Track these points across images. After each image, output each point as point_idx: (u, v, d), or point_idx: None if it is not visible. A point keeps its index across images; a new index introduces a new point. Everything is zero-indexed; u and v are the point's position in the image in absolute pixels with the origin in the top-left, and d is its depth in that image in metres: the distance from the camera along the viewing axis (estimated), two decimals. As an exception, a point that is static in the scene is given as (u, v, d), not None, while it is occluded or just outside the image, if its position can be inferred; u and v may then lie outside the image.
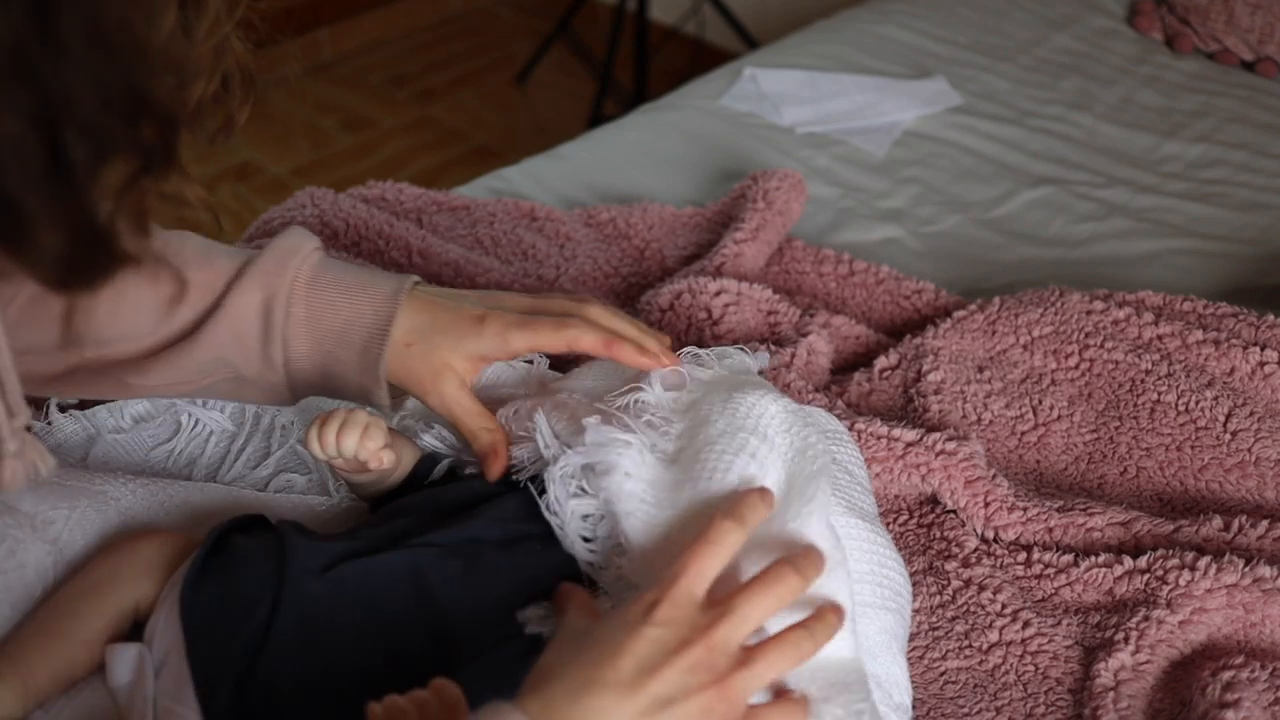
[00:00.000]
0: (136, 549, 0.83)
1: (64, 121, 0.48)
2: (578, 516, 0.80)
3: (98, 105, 0.49)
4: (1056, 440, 1.14)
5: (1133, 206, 1.60)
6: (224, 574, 0.79)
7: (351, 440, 0.83)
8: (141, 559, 0.82)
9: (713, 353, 0.89)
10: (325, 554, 0.79)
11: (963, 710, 0.90)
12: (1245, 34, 1.93)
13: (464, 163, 2.80)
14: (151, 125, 0.53)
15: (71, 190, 0.50)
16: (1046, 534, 1.03)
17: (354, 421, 0.83)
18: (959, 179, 1.65)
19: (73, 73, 0.48)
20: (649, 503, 0.79)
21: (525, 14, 3.46)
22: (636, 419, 0.82)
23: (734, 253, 1.33)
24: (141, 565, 0.82)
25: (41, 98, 0.47)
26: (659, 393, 0.83)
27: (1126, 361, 1.18)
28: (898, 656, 0.85)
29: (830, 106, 1.76)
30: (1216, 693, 0.88)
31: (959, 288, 1.40)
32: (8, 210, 0.49)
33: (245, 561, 0.79)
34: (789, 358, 1.16)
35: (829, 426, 0.94)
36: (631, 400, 0.83)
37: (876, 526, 0.88)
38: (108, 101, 0.49)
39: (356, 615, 0.76)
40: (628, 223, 1.44)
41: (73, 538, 0.85)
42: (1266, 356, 1.16)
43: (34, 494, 0.86)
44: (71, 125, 0.49)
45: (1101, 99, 1.84)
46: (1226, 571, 0.95)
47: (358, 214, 1.37)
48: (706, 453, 0.79)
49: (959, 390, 1.15)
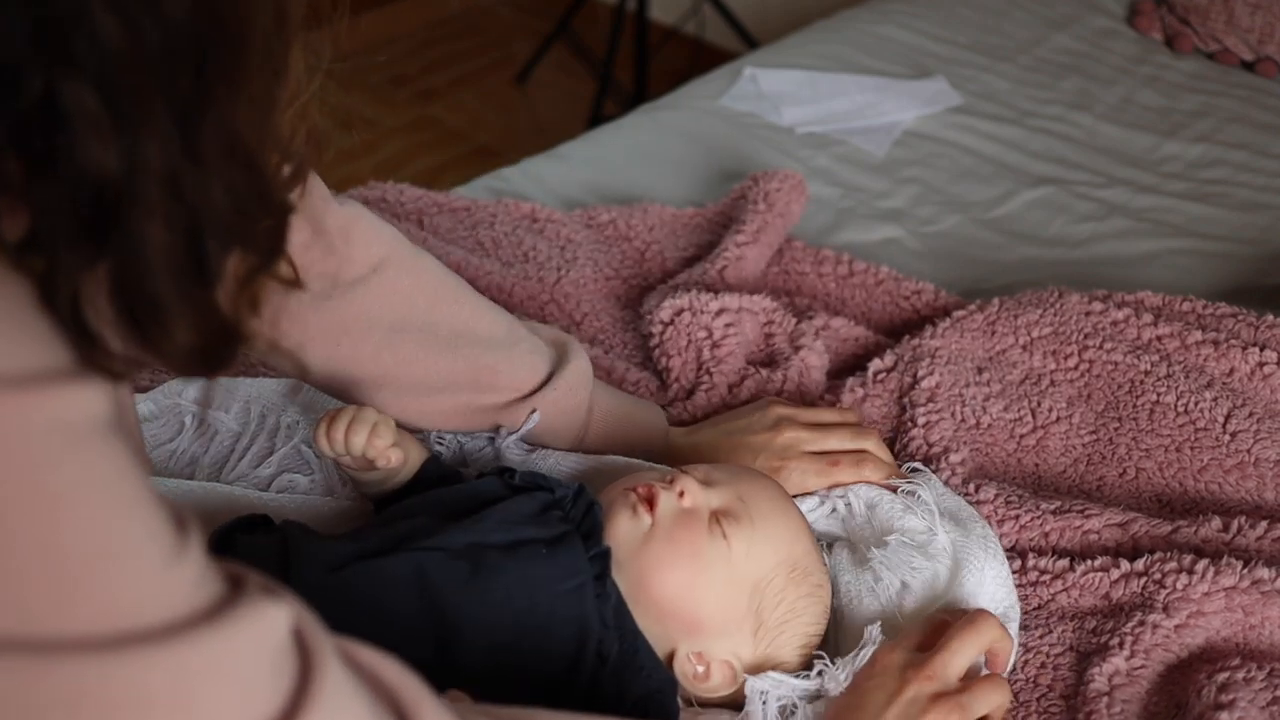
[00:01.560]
0: None
1: (205, 229, 0.52)
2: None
3: (232, 210, 0.53)
4: (1055, 442, 1.14)
5: (1132, 206, 1.60)
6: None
7: (360, 437, 0.83)
8: None
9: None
10: (330, 555, 0.79)
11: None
12: (1245, 34, 1.93)
13: (464, 163, 2.80)
14: (270, 220, 0.57)
15: (206, 290, 0.54)
16: (1042, 539, 1.02)
17: (363, 419, 0.83)
18: (959, 179, 1.65)
19: (213, 186, 0.52)
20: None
21: (525, 14, 3.46)
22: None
23: (735, 256, 1.33)
24: None
25: (189, 210, 0.51)
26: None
27: (1126, 362, 1.18)
28: None
29: (830, 106, 1.76)
30: (1212, 694, 0.88)
31: (959, 288, 1.40)
32: (152, 309, 0.53)
33: (249, 562, 0.79)
34: (780, 381, 1.16)
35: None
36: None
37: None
38: (239, 205, 0.53)
39: (362, 618, 0.76)
40: (628, 224, 1.44)
41: None
42: (1266, 357, 1.16)
43: None
44: (211, 231, 0.53)
45: (1101, 99, 1.84)
46: (1224, 574, 0.95)
47: (358, 215, 1.37)
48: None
49: (957, 393, 1.15)
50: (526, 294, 1.32)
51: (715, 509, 0.87)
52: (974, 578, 0.92)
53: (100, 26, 0.46)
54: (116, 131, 0.48)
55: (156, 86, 0.49)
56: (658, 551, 0.84)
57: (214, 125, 0.51)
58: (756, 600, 0.86)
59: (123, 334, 0.53)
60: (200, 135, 0.51)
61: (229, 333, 0.57)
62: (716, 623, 0.85)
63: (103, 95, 0.47)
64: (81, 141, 0.48)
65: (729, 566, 0.85)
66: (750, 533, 0.86)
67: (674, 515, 0.86)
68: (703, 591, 0.84)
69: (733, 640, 0.85)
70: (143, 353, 0.54)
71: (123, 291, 0.52)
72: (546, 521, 0.84)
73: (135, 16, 0.47)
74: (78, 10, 0.46)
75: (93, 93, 0.47)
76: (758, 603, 0.86)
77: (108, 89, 0.47)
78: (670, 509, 0.86)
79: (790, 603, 0.87)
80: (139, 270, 0.51)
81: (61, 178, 0.49)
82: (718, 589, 0.85)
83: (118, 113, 0.48)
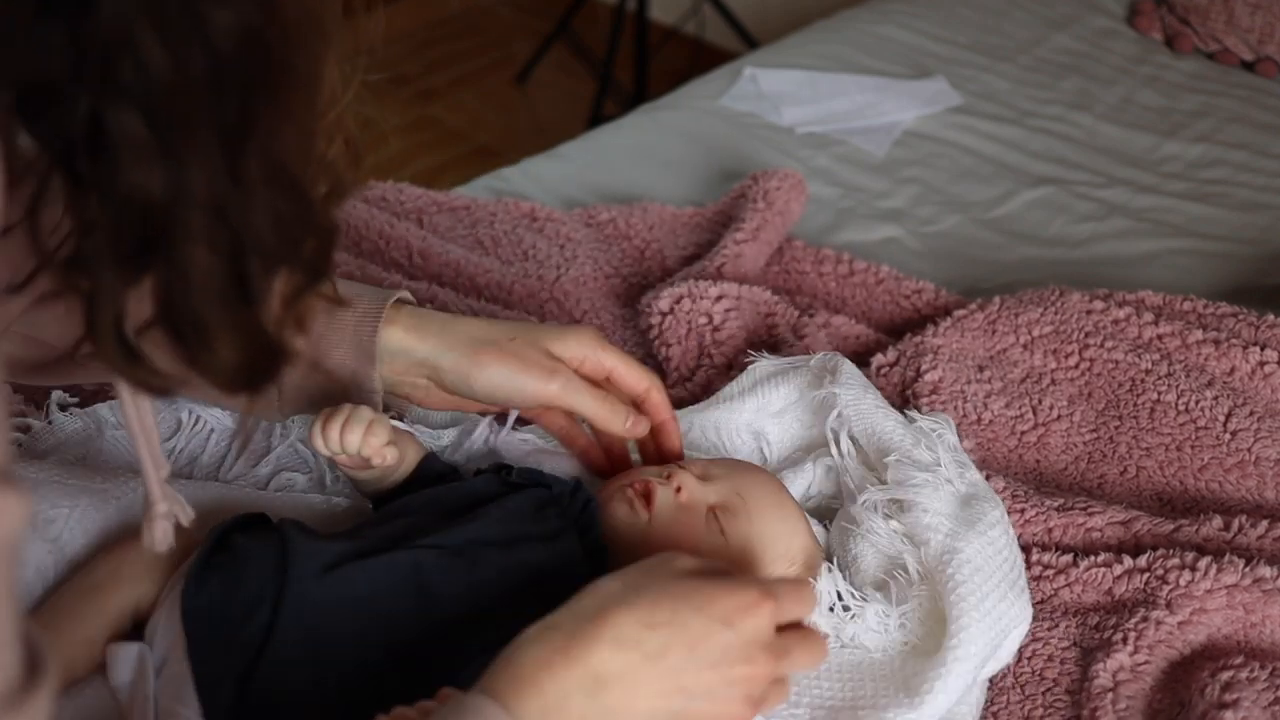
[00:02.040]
0: (137, 548, 0.82)
1: (249, 251, 0.53)
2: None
3: (275, 233, 0.54)
4: (1056, 440, 1.14)
5: (1133, 206, 1.60)
6: (225, 574, 0.79)
7: (355, 436, 0.82)
8: (142, 558, 0.82)
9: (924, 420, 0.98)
10: (327, 554, 0.78)
11: (962, 710, 0.90)
12: (1245, 34, 1.93)
13: (464, 163, 2.80)
14: (314, 240, 0.58)
15: (250, 309, 0.55)
16: (1046, 534, 1.02)
17: (358, 417, 0.83)
18: (959, 179, 1.65)
19: (256, 210, 0.53)
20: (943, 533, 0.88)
21: (525, 14, 3.45)
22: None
23: (734, 253, 1.33)
24: (142, 565, 0.82)
25: (232, 234, 0.52)
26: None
27: (1126, 361, 1.18)
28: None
29: (830, 106, 1.76)
30: (1215, 693, 0.88)
31: (959, 288, 1.40)
32: (195, 328, 0.54)
33: (246, 561, 0.79)
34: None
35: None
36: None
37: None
38: (283, 228, 0.55)
39: (359, 616, 0.76)
40: (628, 223, 1.44)
41: (73, 536, 0.85)
42: (1266, 356, 1.16)
43: (35, 493, 0.86)
44: (255, 254, 0.54)
45: (1101, 99, 1.84)
46: (1227, 572, 0.95)
47: (358, 214, 1.37)
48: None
49: (959, 390, 1.15)
50: (526, 292, 1.32)
51: (712, 504, 0.87)
52: (989, 516, 0.90)
53: (147, 55, 0.47)
54: (162, 157, 0.49)
55: (202, 114, 0.49)
56: (655, 548, 0.83)
57: (259, 151, 0.52)
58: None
59: (169, 353, 0.54)
60: (244, 161, 0.52)
61: (273, 351, 0.58)
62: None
63: (149, 121, 0.48)
64: (127, 166, 0.48)
65: (726, 562, 0.84)
66: (747, 528, 0.86)
67: (671, 511, 0.86)
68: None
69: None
70: (189, 371, 0.56)
71: (168, 311, 0.53)
72: (543, 519, 0.84)
73: (182, 47, 0.48)
74: (125, 37, 0.47)
75: (139, 119, 0.48)
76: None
77: (154, 115, 0.48)
78: (667, 504, 0.86)
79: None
80: (184, 291, 0.53)
81: (108, 200, 0.49)
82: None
83: (163, 139, 0.49)
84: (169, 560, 0.82)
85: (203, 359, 0.55)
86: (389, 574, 0.78)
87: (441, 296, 1.26)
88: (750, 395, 1.03)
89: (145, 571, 0.82)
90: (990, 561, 0.87)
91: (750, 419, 1.02)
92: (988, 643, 0.84)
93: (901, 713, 0.81)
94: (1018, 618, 0.88)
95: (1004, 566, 0.88)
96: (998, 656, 0.88)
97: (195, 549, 0.81)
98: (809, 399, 1.01)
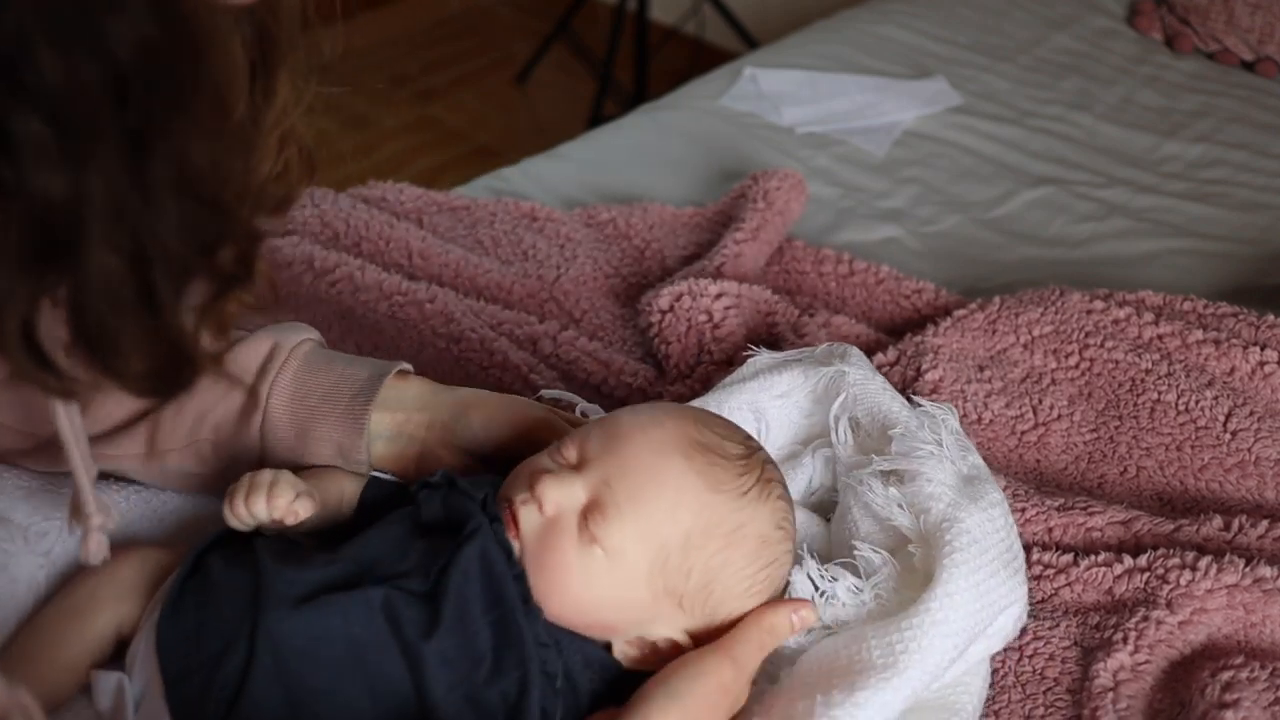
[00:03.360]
0: (115, 569, 0.81)
1: (154, 259, 0.53)
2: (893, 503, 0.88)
3: (181, 244, 0.54)
4: (1056, 440, 1.14)
5: (1133, 206, 1.60)
6: (201, 603, 0.77)
7: (260, 504, 0.79)
8: (121, 579, 0.80)
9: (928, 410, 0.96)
10: (302, 583, 0.76)
11: (963, 710, 0.90)
12: (1245, 34, 1.93)
13: (464, 163, 2.80)
14: (232, 250, 0.58)
15: (159, 317, 0.55)
16: (1046, 534, 1.02)
17: (258, 484, 0.80)
18: (959, 179, 1.65)
19: (162, 218, 0.53)
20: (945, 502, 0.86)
21: (525, 14, 3.45)
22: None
23: (734, 253, 1.33)
24: (121, 586, 0.80)
25: (135, 241, 0.52)
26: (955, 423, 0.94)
27: (1127, 361, 1.18)
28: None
29: (830, 106, 1.76)
30: (1216, 693, 0.88)
31: (959, 288, 1.40)
32: (102, 335, 0.54)
33: (221, 592, 0.77)
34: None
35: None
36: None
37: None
38: (191, 241, 0.54)
39: (335, 655, 0.74)
40: (628, 223, 1.44)
41: (65, 549, 0.84)
42: (1266, 356, 1.16)
43: (27, 504, 0.86)
44: (160, 263, 0.53)
45: (1101, 99, 1.84)
46: (1227, 571, 0.95)
47: (358, 214, 1.37)
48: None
49: (959, 389, 1.15)
50: (526, 292, 1.32)
51: (584, 506, 0.78)
52: (990, 496, 0.89)
53: (44, 62, 0.47)
54: (64, 161, 0.49)
55: (103, 121, 0.49)
56: (533, 578, 0.77)
57: (164, 159, 0.52)
58: (659, 582, 0.79)
59: (79, 359, 0.54)
60: (148, 168, 0.51)
61: (184, 357, 0.57)
62: (628, 618, 0.80)
63: (51, 126, 0.48)
64: (30, 169, 0.48)
65: (609, 570, 0.78)
66: (620, 526, 0.78)
67: (538, 534, 0.78)
68: (591, 602, 0.78)
69: (658, 622, 0.80)
70: (99, 377, 0.55)
71: (76, 318, 0.53)
72: (510, 553, 0.79)
73: (77, 54, 0.48)
74: (21, 44, 0.47)
75: (40, 123, 0.48)
76: (661, 583, 0.79)
77: (55, 120, 0.48)
78: (533, 528, 0.78)
79: (701, 567, 0.79)
80: (89, 297, 0.52)
81: (12, 202, 0.49)
82: (606, 593, 0.78)
83: (65, 143, 0.49)
84: (149, 579, 0.81)
85: (111, 365, 0.55)
86: (364, 611, 0.75)
87: (441, 297, 1.26)
88: (752, 380, 1.02)
89: (125, 593, 0.80)
90: (988, 537, 0.86)
91: (751, 398, 1.01)
92: (971, 615, 0.82)
93: (876, 673, 0.78)
94: (1009, 598, 0.86)
95: (1000, 545, 0.87)
96: (992, 635, 0.86)
97: (177, 564, 0.80)
98: (813, 383, 1.00)
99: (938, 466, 0.89)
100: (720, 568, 0.80)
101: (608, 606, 0.79)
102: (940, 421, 0.93)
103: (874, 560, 0.85)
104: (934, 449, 0.90)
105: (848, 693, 0.77)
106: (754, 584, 0.81)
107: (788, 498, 0.86)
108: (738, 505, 0.81)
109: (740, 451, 0.83)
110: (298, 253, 1.29)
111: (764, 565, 0.82)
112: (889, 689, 0.77)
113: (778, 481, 0.85)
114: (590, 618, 0.79)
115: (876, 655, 0.79)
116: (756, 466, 0.83)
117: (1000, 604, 0.85)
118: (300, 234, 1.34)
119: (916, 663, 0.79)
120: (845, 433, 0.96)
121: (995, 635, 0.87)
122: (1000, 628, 0.87)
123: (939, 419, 0.94)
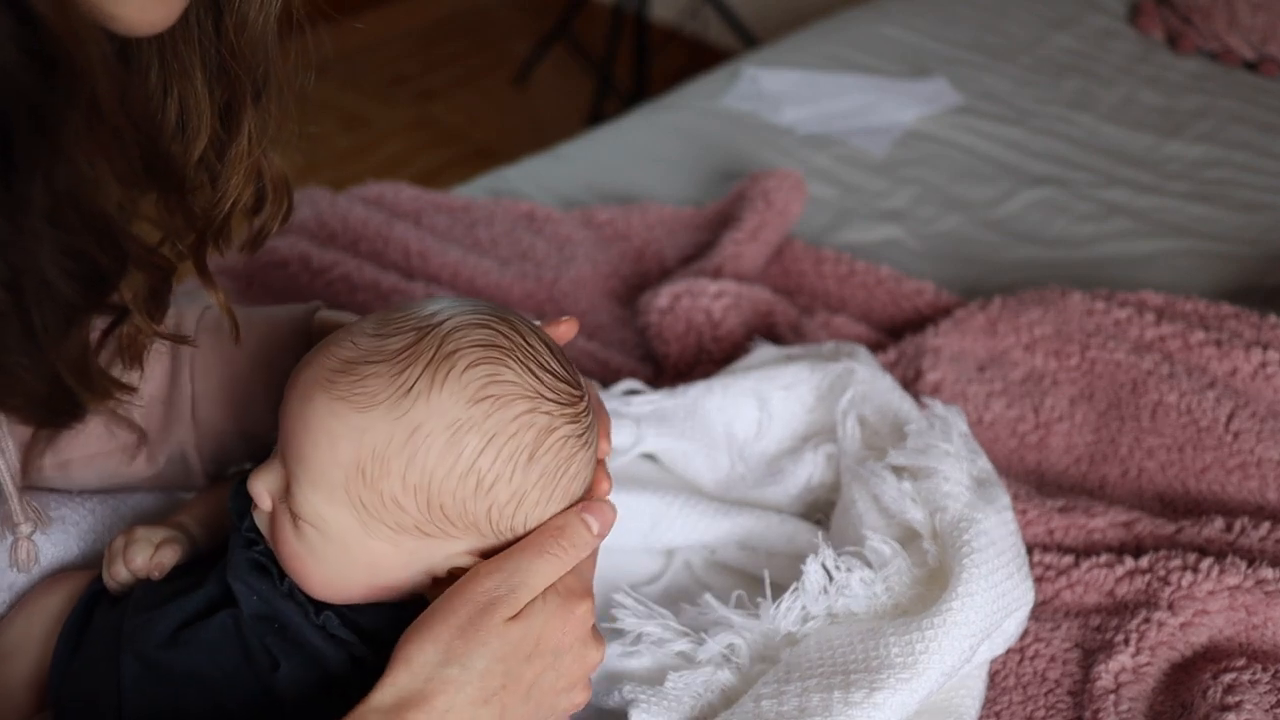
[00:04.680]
0: (44, 604, 0.80)
1: (29, 289, 0.52)
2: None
3: (59, 274, 0.52)
4: (1057, 440, 1.13)
5: (1134, 207, 1.60)
6: (84, 660, 0.77)
7: (120, 569, 0.79)
8: (50, 614, 0.80)
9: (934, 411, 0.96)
10: (166, 623, 0.74)
11: (963, 713, 0.89)
12: (1247, 34, 1.93)
13: (463, 163, 2.79)
14: (130, 285, 0.56)
15: (41, 350, 0.53)
16: (1047, 535, 1.02)
17: (113, 550, 0.79)
18: (959, 179, 1.64)
19: (33, 245, 0.51)
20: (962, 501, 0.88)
21: (524, 14, 3.45)
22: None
23: (733, 253, 1.33)
24: (51, 621, 0.80)
25: (10, 269, 0.51)
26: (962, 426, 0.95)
27: (1128, 362, 1.17)
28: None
29: (830, 106, 1.76)
30: (1218, 695, 0.87)
31: (959, 288, 1.40)
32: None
33: (95, 645, 0.77)
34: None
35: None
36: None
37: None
38: (68, 272, 0.53)
39: (203, 690, 0.73)
40: (627, 223, 1.44)
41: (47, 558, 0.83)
42: (1268, 357, 1.16)
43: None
44: (35, 292, 0.52)
45: (1102, 99, 1.83)
46: (1229, 573, 0.95)
47: (356, 214, 1.37)
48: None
49: (959, 390, 1.15)
50: (524, 292, 1.31)
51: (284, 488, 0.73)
52: (1002, 499, 0.90)
53: None
54: None
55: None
56: (287, 572, 0.73)
57: (40, 189, 0.50)
58: (379, 528, 0.70)
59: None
60: (23, 198, 0.50)
61: (73, 389, 0.56)
62: (398, 572, 0.72)
63: None
64: None
65: (327, 541, 0.71)
66: (301, 493, 0.70)
67: (269, 531, 0.74)
68: (345, 576, 0.72)
69: (432, 557, 0.72)
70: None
71: None
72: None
73: None
74: None
75: None
76: (383, 527, 0.70)
77: None
78: (264, 526, 0.74)
79: (406, 491, 0.69)
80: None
81: None
82: (346, 562, 0.71)
83: None
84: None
85: (2, 393, 0.54)
86: (221, 636, 0.73)
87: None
88: (758, 369, 1.02)
89: (54, 628, 0.79)
90: (1004, 539, 0.88)
91: (756, 385, 1.00)
92: (988, 615, 0.84)
93: (895, 673, 0.79)
94: (1020, 599, 0.88)
95: (1013, 548, 0.89)
96: (995, 637, 0.87)
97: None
98: (819, 377, 0.99)
99: (955, 465, 0.89)
100: (429, 482, 0.69)
101: (362, 572, 0.71)
102: (950, 424, 0.94)
103: (884, 552, 0.87)
104: (950, 448, 0.90)
105: (868, 691, 0.78)
106: (488, 474, 0.70)
107: (489, 359, 0.70)
108: (401, 409, 0.68)
109: (402, 344, 0.70)
110: (294, 252, 1.28)
111: (478, 450, 0.69)
112: (907, 690, 0.79)
113: (462, 351, 0.70)
114: (363, 589, 0.72)
115: (895, 654, 0.80)
116: (428, 349, 0.70)
117: (1011, 606, 0.86)
118: (297, 233, 1.33)
119: (935, 663, 0.80)
120: (853, 428, 0.95)
121: (999, 638, 0.87)
122: (1004, 630, 0.87)
123: (949, 421, 0.94)
